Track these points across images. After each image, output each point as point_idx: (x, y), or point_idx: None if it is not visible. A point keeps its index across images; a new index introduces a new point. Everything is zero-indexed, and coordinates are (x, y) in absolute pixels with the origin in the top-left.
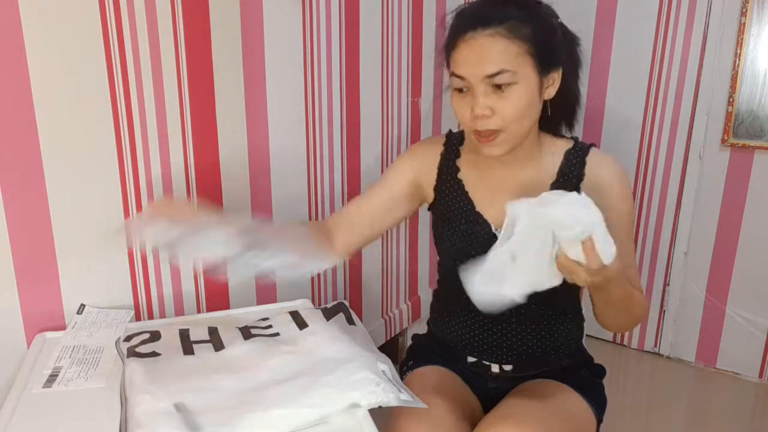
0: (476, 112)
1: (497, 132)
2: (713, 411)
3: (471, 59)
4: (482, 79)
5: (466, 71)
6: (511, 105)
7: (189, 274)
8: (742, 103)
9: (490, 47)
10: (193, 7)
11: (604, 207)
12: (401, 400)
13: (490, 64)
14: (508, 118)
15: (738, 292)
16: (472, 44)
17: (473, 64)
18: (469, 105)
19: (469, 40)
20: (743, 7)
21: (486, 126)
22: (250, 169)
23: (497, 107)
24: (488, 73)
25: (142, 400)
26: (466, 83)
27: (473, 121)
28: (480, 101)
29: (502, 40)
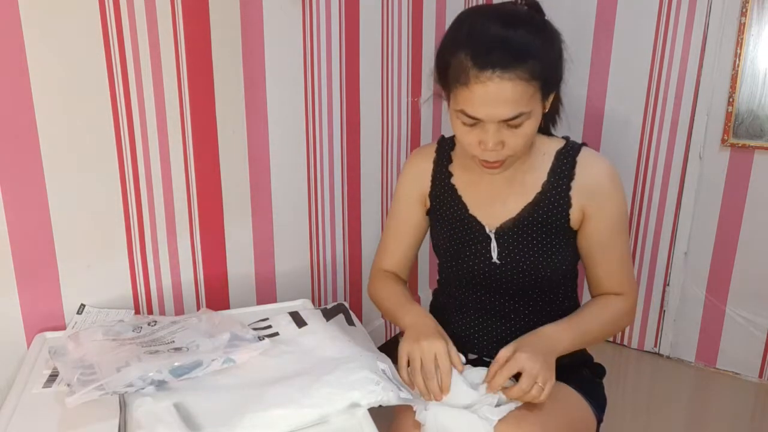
0: (489, 147)
1: (504, 159)
2: (713, 411)
3: (488, 102)
4: (498, 123)
5: (483, 114)
6: (522, 138)
7: (189, 274)
8: (742, 103)
9: (510, 92)
10: (193, 7)
11: (594, 207)
12: (401, 398)
13: (508, 109)
14: (518, 149)
15: (738, 292)
16: (489, 87)
17: (491, 107)
18: (477, 136)
19: (486, 82)
20: (743, 7)
21: (496, 157)
22: (250, 168)
23: (509, 141)
24: (506, 117)
25: (142, 401)
26: (478, 122)
27: (481, 152)
28: (492, 137)
29: (521, 84)
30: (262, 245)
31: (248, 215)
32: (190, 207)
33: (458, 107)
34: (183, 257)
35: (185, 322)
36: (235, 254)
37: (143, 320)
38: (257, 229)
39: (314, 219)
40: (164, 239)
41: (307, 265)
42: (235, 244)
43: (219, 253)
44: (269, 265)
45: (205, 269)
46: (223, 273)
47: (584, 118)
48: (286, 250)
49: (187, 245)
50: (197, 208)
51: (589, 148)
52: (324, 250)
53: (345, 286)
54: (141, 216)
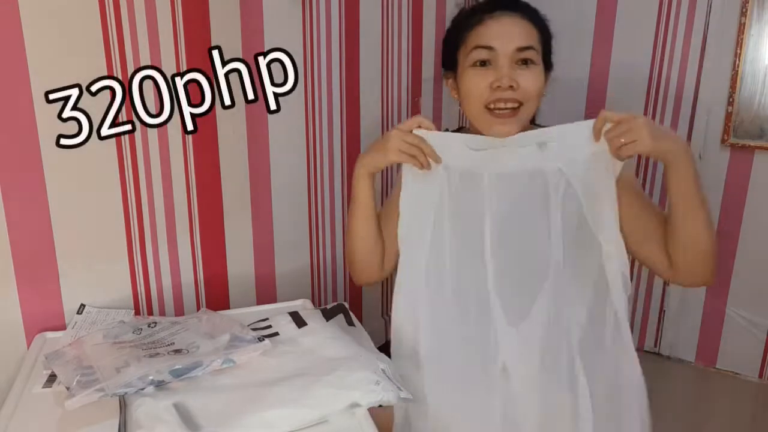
0: (504, 83)
1: (517, 107)
2: (713, 411)
3: (502, 32)
4: (512, 51)
5: (497, 43)
6: (534, 80)
7: (189, 274)
8: (742, 103)
9: (520, 25)
10: (193, 8)
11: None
12: (401, 398)
13: (522, 39)
14: (530, 92)
15: (738, 292)
16: (502, 20)
17: (505, 36)
18: (489, 77)
19: (498, 17)
20: (743, 7)
21: (510, 95)
22: (250, 168)
23: (521, 81)
24: (520, 45)
25: (142, 401)
26: (492, 55)
27: (492, 92)
28: (506, 72)
29: (528, 24)
30: (262, 245)
31: (248, 215)
32: (190, 207)
33: (472, 46)
34: (183, 257)
35: (185, 323)
36: (235, 254)
37: (143, 321)
38: (257, 229)
39: (314, 219)
40: (164, 239)
41: (307, 265)
42: (235, 244)
43: (219, 253)
44: (269, 265)
45: (205, 269)
46: (223, 273)
47: (584, 118)
48: (286, 250)
49: (187, 245)
50: (197, 208)
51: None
52: (324, 250)
53: (345, 286)
54: (141, 216)
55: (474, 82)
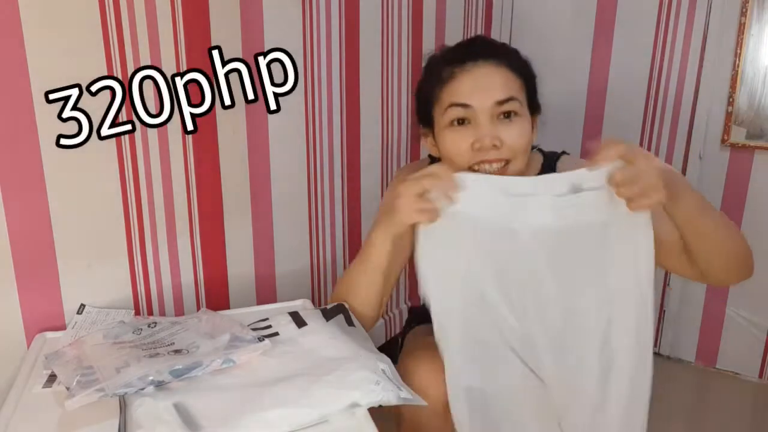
0: (484, 141)
1: (504, 164)
2: (713, 411)
3: (478, 87)
4: (491, 106)
5: (474, 99)
6: (519, 134)
7: (189, 274)
8: (742, 103)
9: (497, 75)
10: (193, 8)
11: None
12: (401, 398)
13: (500, 91)
14: (516, 148)
15: (738, 292)
16: (476, 72)
17: (481, 91)
18: (470, 137)
19: (471, 69)
20: (743, 7)
21: (497, 156)
22: (250, 168)
23: (505, 137)
24: (499, 99)
25: (142, 401)
26: (470, 113)
27: (474, 154)
28: (487, 131)
29: (506, 71)
30: (262, 245)
31: (248, 215)
32: (190, 207)
33: (447, 104)
34: (183, 257)
35: (185, 324)
36: (235, 254)
37: (143, 322)
38: (257, 229)
39: (314, 219)
40: (164, 239)
41: (307, 265)
42: (235, 245)
43: (219, 253)
44: (269, 265)
45: (205, 269)
46: (223, 273)
47: (584, 118)
48: (286, 250)
49: (187, 245)
50: (197, 208)
51: (569, 155)
52: (324, 250)
53: None
54: (141, 216)
55: (454, 144)
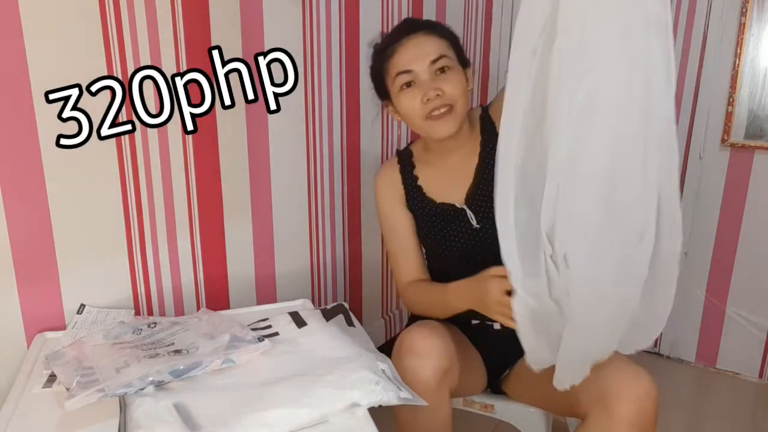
0: (429, 94)
1: (449, 108)
2: (713, 411)
3: (415, 53)
4: (428, 66)
5: (414, 64)
6: (455, 82)
7: (189, 274)
8: (742, 104)
9: (427, 41)
10: (193, 8)
11: None
12: (401, 398)
13: (432, 53)
14: (455, 93)
15: (738, 292)
16: (409, 44)
17: (418, 55)
18: (418, 94)
19: (406, 42)
20: (743, 7)
21: (440, 102)
22: (250, 168)
23: (444, 87)
24: (433, 58)
25: (142, 401)
26: (413, 75)
27: (425, 106)
28: (429, 85)
29: (433, 37)
30: (262, 245)
31: (248, 215)
32: (190, 207)
33: (394, 74)
34: (183, 257)
35: (185, 324)
36: (235, 254)
37: (143, 322)
38: (257, 229)
39: (314, 219)
40: (164, 239)
41: (307, 265)
42: (235, 245)
43: (219, 253)
44: (269, 265)
45: (205, 269)
46: (223, 273)
47: None
48: (286, 250)
49: (187, 245)
50: (197, 208)
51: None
52: (324, 250)
53: (345, 286)
54: (141, 216)
55: (408, 103)
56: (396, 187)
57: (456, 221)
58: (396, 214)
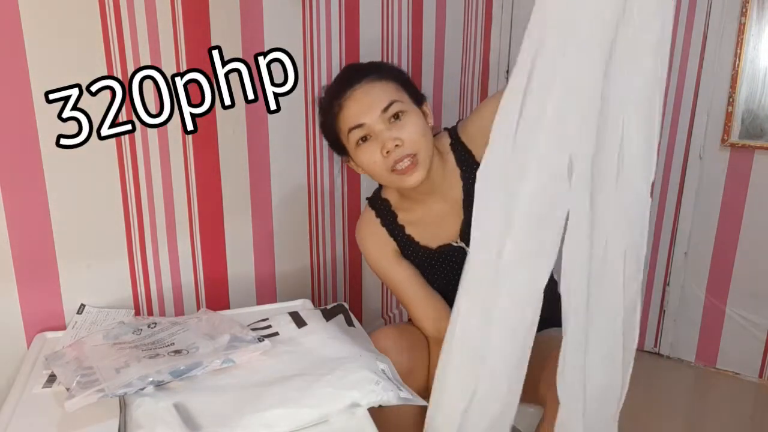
0: (388, 146)
1: (413, 157)
2: (713, 411)
3: (363, 106)
4: (379, 115)
5: (364, 117)
6: (412, 127)
7: (189, 274)
8: (742, 103)
9: (374, 89)
10: (193, 8)
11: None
12: (401, 398)
13: (381, 101)
14: (414, 138)
15: (738, 292)
16: (355, 96)
17: (366, 107)
18: (377, 148)
19: (351, 95)
20: (743, 7)
21: (402, 153)
22: (250, 168)
23: (402, 135)
24: (383, 107)
25: (142, 401)
26: (366, 129)
27: (387, 159)
28: (386, 135)
29: (379, 83)
30: (262, 245)
31: (248, 215)
32: (190, 207)
33: (347, 130)
34: (183, 257)
35: (185, 324)
36: (235, 254)
37: (143, 322)
38: (257, 229)
39: (314, 219)
40: (164, 239)
41: (307, 265)
42: (235, 245)
43: (219, 253)
44: (269, 265)
45: (205, 269)
46: (223, 273)
47: None
48: (286, 250)
49: (187, 245)
50: (197, 208)
51: (461, 121)
52: (324, 250)
53: (345, 286)
54: (141, 216)
55: (368, 158)
56: (386, 242)
57: (456, 258)
58: (397, 269)
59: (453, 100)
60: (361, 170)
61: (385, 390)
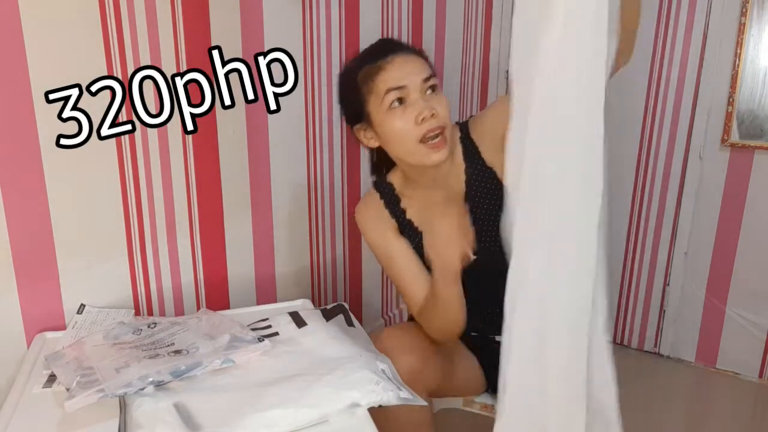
0: (425, 113)
1: (442, 131)
2: (713, 411)
3: (405, 70)
4: (420, 83)
5: (406, 80)
6: (445, 104)
7: (189, 274)
8: (742, 103)
9: (414, 61)
10: (193, 8)
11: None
12: (401, 398)
13: (422, 71)
14: (445, 115)
15: (738, 292)
16: (399, 60)
17: (408, 72)
18: (412, 113)
19: (394, 59)
20: (743, 7)
21: (435, 124)
22: (250, 168)
23: (437, 107)
24: (424, 77)
25: (142, 401)
26: (404, 93)
27: (420, 127)
28: (423, 104)
29: (417, 57)
30: (262, 245)
31: (248, 215)
32: (190, 207)
33: (383, 91)
34: (183, 257)
35: (185, 324)
36: (235, 254)
37: (143, 322)
38: (257, 229)
39: (314, 219)
40: (164, 239)
41: (307, 265)
42: (235, 245)
43: (219, 253)
44: (269, 265)
45: (205, 269)
46: (223, 273)
47: None
48: (286, 251)
49: (187, 245)
50: (197, 208)
51: (472, 117)
52: (324, 250)
53: (345, 286)
54: (141, 216)
55: (400, 125)
56: (386, 220)
57: None
58: (393, 244)
59: (453, 100)
60: (376, 141)
61: (385, 390)
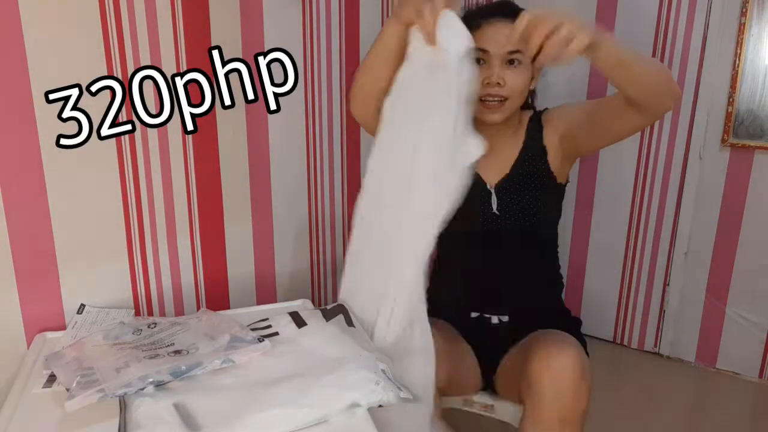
0: (492, 80)
1: (504, 101)
2: (713, 411)
3: (496, 37)
4: (503, 54)
5: (492, 46)
6: (519, 78)
7: (189, 274)
8: (742, 103)
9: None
10: (193, 8)
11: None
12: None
13: (512, 43)
14: (515, 88)
15: (738, 292)
16: (496, 26)
17: (498, 41)
18: (483, 75)
19: (494, 23)
20: (743, 7)
21: (497, 92)
22: (250, 169)
23: (509, 79)
24: (510, 50)
25: (142, 401)
26: (486, 56)
27: (483, 89)
28: (497, 72)
29: None
30: (262, 245)
31: (248, 215)
32: (190, 207)
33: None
34: (183, 257)
35: (185, 324)
36: (235, 254)
37: (143, 322)
38: (257, 229)
39: (314, 219)
40: (164, 239)
41: (307, 265)
42: (235, 245)
43: (219, 253)
44: (269, 265)
45: (205, 269)
46: (223, 273)
47: None
48: (286, 250)
49: (187, 245)
50: (197, 208)
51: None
52: (324, 250)
53: None
54: (141, 216)
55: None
56: None
57: (480, 201)
58: None
59: None
60: None
61: (386, 390)
